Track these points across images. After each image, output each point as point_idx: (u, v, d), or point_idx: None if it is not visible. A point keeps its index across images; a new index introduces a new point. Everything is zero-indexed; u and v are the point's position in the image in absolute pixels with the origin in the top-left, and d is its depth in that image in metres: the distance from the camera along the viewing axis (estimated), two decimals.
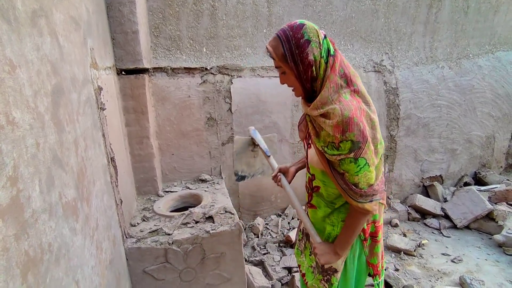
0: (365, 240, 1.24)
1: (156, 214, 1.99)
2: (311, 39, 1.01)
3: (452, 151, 3.36)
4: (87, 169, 1.14)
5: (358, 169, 1.02)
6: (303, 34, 1.01)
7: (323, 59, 1.03)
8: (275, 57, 1.07)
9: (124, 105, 2.11)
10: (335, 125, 0.99)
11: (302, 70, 1.04)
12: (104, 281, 1.21)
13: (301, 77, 1.06)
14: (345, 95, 1.03)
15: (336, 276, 1.25)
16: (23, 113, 0.71)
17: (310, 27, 1.03)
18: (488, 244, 2.61)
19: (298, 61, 1.03)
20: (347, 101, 1.01)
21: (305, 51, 1.01)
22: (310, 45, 1.01)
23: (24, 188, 0.68)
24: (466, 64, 3.25)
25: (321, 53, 1.02)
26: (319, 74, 1.05)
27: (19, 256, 0.63)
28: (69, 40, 1.10)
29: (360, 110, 1.01)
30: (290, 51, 1.03)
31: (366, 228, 1.22)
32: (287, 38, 1.03)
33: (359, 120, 0.98)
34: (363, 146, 0.99)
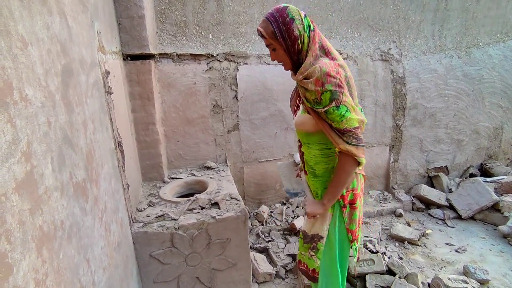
0: (344, 207, 1.37)
1: (162, 199, 2.01)
2: (294, 17, 1.21)
3: (459, 142, 3.33)
4: (95, 151, 1.15)
5: (341, 115, 1.18)
6: (288, 14, 1.21)
7: (306, 33, 1.22)
8: (266, 36, 1.24)
9: (130, 90, 2.11)
10: (315, 80, 1.17)
11: (290, 43, 1.22)
12: (112, 262, 1.23)
13: (289, 50, 1.24)
14: (324, 59, 1.22)
15: (322, 242, 1.41)
16: (35, 91, 0.71)
17: (292, 8, 1.23)
18: (493, 235, 2.61)
19: (286, 36, 1.21)
20: (324, 61, 1.20)
21: (290, 27, 1.20)
22: (294, 22, 1.20)
23: (37, 164, 0.68)
24: (475, 53, 3.19)
25: (304, 28, 1.22)
26: (303, 47, 1.23)
27: (34, 230, 0.64)
28: (77, 22, 1.09)
29: (337, 69, 1.19)
30: (278, 28, 1.21)
31: (345, 195, 1.35)
32: (275, 18, 1.22)
33: (336, 74, 1.17)
34: (341, 95, 1.17)
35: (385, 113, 3.05)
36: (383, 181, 3.28)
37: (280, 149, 2.82)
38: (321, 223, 1.40)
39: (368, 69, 2.91)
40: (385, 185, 3.29)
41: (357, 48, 2.86)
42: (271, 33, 1.23)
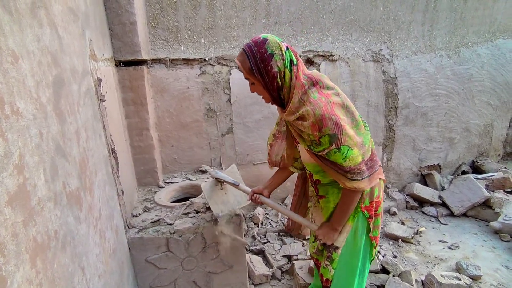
0: (370, 218, 1.34)
1: (158, 204, 2.02)
2: (274, 53, 1.12)
3: (450, 140, 3.38)
4: (88, 159, 1.16)
5: (344, 155, 1.14)
6: (266, 49, 1.12)
7: (287, 69, 1.14)
8: (243, 71, 1.19)
9: (123, 96, 2.11)
10: (311, 125, 1.11)
11: (268, 81, 1.15)
12: (108, 269, 1.24)
13: (268, 87, 1.17)
14: (313, 95, 1.15)
15: (337, 252, 1.40)
16: (27, 104, 0.72)
17: (272, 41, 1.14)
18: (485, 231, 2.65)
19: (264, 73, 1.14)
20: (316, 100, 1.13)
21: (269, 64, 1.12)
22: (274, 58, 1.12)
23: (30, 176, 0.69)
24: (465, 53, 3.24)
25: (284, 64, 1.14)
26: (285, 83, 1.16)
27: (27, 241, 0.65)
28: (68, 32, 1.10)
29: (330, 104, 1.13)
30: (256, 65, 1.13)
31: (370, 206, 1.33)
32: (252, 53, 1.14)
33: (331, 113, 1.10)
34: (340, 136, 1.11)
35: (377, 113, 3.09)
36: None
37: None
38: (342, 234, 1.37)
39: (360, 70, 2.95)
40: None
41: (348, 50, 2.89)
42: (248, 69, 1.16)
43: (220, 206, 1.77)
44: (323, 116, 1.09)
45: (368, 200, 1.34)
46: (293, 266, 2.12)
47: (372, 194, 1.35)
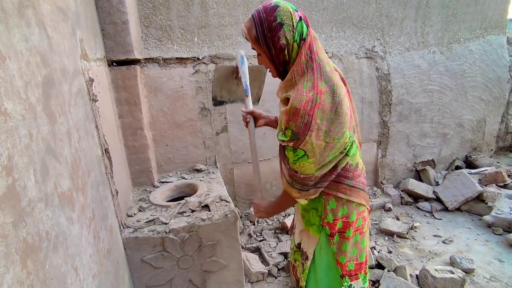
0: (330, 236, 1.19)
1: (153, 204, 2.01)
2: (283, 22, 1.00)
3: (444, 136, 3.41)
4: (81, 160, 1.16)
5: (296, 158, 1.07)
6: (276, 17, 1.00)
7: (296, 43, 1.02)
8: (249, 39, 1.08)
9: (117, 96, 2.10)
10: (285, 112, 1.04)
11: (274, 53, 1.05)
12: (102, 269, 1.24)
13: (274, 60, 1.07)
14: (306, 83, 1.03)
15: (307, 263, 1.28)
16: (15, 104, 0.72)
17: (284, 9, 1.01)
18: (478, 225, 2.68)
19: (270, 44, 1.03)
20: (302, 91, 1.02)
21: (277, 35, 1.01)
22: (283, 29, 1.00)
23: (19, 177, 0.69)
24: (457, 49, 3.27)
25: (294, 36, 1.01)
26: (292, 58, 1.05)
27: (17, 243, 0.64)
28: (58, 31, 1.09)
29: (313, 102, 0.99)
30: (262, 34, 1.03)
31: (333, 223, 1.18)
32: (260, 20, 1.02)
33: (307, 113, 0.99)
34: (302, 139, 1.01)
35: (371, 110, 3.11)
36: (372, 176, 3.33)
37: (269, 149, 2.84)
38: (308, 243, 1.28)
39: (353, 67, 2.96)
40: (374, 181, 3.35)
41: (342, 47, 2.90)
42: (254, 38, 1.05)
43: (223, 92, 1.64)
44: (297, 110, 1.00)
45: (332, 217, 1.18)
46: (289, 263, 2.13)
47: (336, 211, 1.18)
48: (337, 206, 1.18)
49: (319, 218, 1.21)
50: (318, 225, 1.22)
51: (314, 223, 1.24)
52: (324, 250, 1.23)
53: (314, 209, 1.23)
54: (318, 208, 1.22)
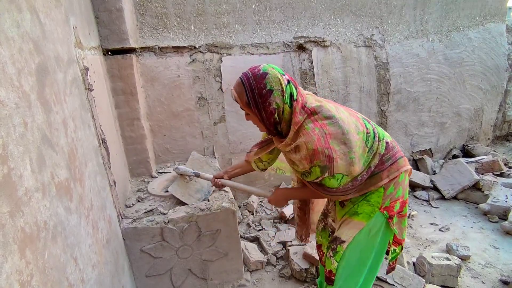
0: (390, 218, 1.26)
1: (151, 194, 2.01)
2: (273, 89, 1.09)
3: (441, 125, 3.42)
4: (77, 150, 1.14)
5: (339, 181, 1.16)
6: (266, 84, 1.09)
7: (287, 105, 1.13)
8: (239, 103, 1.16)
9: (113, 86, 2.07)
10: (303, 158, 1.11)
11: (265, 116, 1.14)
12: (102, 259, 1.24)
13: (265, 122, 1.16)
14: (307, 126, 1.12)
15: (343, 246, 1.33)
16: (8, 92, 0.70)
17: (272, 76, 1.10)
18: (474, 213, 2.71)
19: (261, 108, 1.12)
20: (309, 133, 1.10)
21: (267, 101, 1.10)
22: (272, 95, 1.09)
23: (15, 166, 0.68)
24: (456, 37, 3.24)
25: (284, 100, 1.11)
26: (283, 118, 1.15)
27: (15, 232, 0.64)
28: (50, 18, 1.06)
29: (324, 137, 1.09)
30: (253, 99, 1.11)
31: (390, 206, 1.25)
32: (251, 87, 1.11)
33: (324, 147, 1.08)
34: (332, 167, 1.10)
35: (369, 99, 3.10)
36: None
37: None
38: (349, 229, 1.32)
39: (351, 55, 2.93)
40: None
41: (340, 35, 2.86)
42: (245, 102, 1.14)
43: (195, 196, 1.91)
44: (315, 150, 1.08)
45: (390, 201, 1.26)
46: (287, 252, 2.14)
47: (394, 194, 1.26)
48: (394, 190, 1.26)
49: (370, 207, 1.27)
50: (369, 212, 1.27)
51: (363, 211, 1.28)
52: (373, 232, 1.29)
53: (366, 201, 1.28)
54: (372, 200, 1.27)
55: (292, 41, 2.72)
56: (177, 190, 1.88)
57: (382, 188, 1.25)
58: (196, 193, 1.93)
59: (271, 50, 2.68)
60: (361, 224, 1.29)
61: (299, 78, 2.82)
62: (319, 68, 2.84)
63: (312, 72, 2.83)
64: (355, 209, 1.30)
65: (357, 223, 1.30)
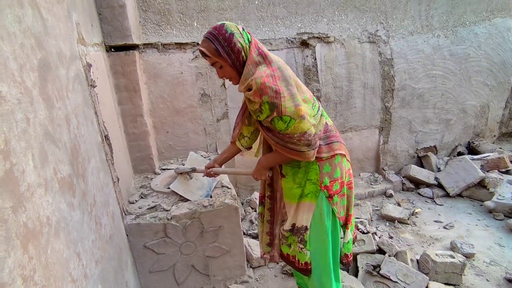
0: (330, 197, 1.36)
1: (154, 191, 2.01)
2: (233, 32, 1.22)
3: (447, 122, 3.38)
4: (80, 146, 1.14)
5: (286, 124, 1.20)
6: (226, 30, 1.22)
7: (247, 45, 1.25)
8: (209, 54, 1.24)
9: (116, 83, 2.07)
10: (253, 92, 1.20)
11: (234, 57, 1.24)
12: (105, 255, 1.24)
13: (235, 64, 1.25)
14: (261, 68, 1.24)
15: (307, 233, 1.40)
16: (10, 87, 0.70)
17: (229, 23, 1.25)
18: (479, 211, 2.69)
19: (229, 51, 1.23)
20: (260, 72, 1.22)
21: (232, 41, 1.22)
22: (235, 36, 1.22)
23: (17, 162, 0.68)
24: (462, 32, 3.19)
25: (244, 40, 1.24)
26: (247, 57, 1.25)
27: (17, 227, 0.64)
28: (52, 13, 1.06)
29: (273, 76, 1.21)
30: (220, 45, 1.22)
31: (329, 186, 1.35)
32: (215, 36, 1.23)
33: (272, 83, 1.18)
34: (280, 105, 1.17)
35: (373, 95, 3.07)
36: (373, 163, 3.33)
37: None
38: (307, 213, 1.39)
39: (355, 51, 2.90)
40: (375, 167, 3.34)
41: (344, 31, 2.84)
42: (214, 50, 1.23)
43: (197, 193, 1.92)
44: (263, 84, 1.17)
45: (328, 179, 1.35)
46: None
47: (331, 173, 1.36)
48: (331, 170, 1.36)
49: (314, 186, 1.36)
50: (314, 191, 1.36)
51: (309, 192, 1.37)
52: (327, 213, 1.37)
53: (309, 180, 1.36)
54: (312, 177, 1.35)
55: (296, 37, 2.70)
56: (179, 187, 1.90)
57: (316, 166, 1.34)
58: (198, 190, 1.94)
59: (274, 46, 2.66)
60: (312, 205, 1.37)
61: (303, 75, 2.81)
62: (322, 64, 2.82)
63: (316, 69, 2.81)
64: (302, 191, 1.38)
65: (308, 205, 1.38)
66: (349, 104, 3.02)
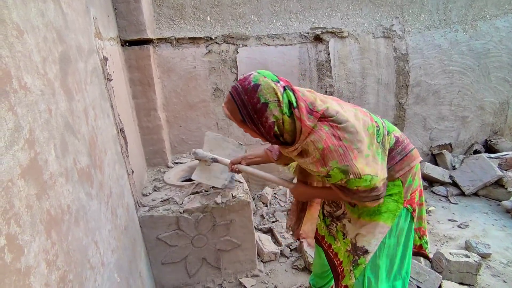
0: (414, 211, 1.18)
1: (167, 184, 2.04)
2: (268, 101, 0.97)
3: (463, 119, 3.30)
4: (97, 138, 1.17)
5: (369, 183, 1.01)
6: (259, 98, 0.97)
7: (286, 115, 1.00)
8: (234, 121, 1.06)
9: (130, 77, 2.11)
10: (315, 162, 0.99)
11: (264, 131, 1.02)
12: (120, 245, 1.27)
13: (265, 136, 1.04)
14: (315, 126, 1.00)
15: (366, 258, 1.15)
16: (34, 79, 0.72)
17: (265, 87, 0.97)
18: (496, 210, 2.62)
19: (258, 124, 1.00)
20: (317, 132, 0.99)
21: (264, 116, 0.98)
22: (269, 108, 0.97)
23: (41, 151, 0.70)
24: (482, 26, 3.09)
25: (282, 111, 0.99)
26: (285, 129, 1.02)
27: (41, 214, 0.66)
28: (72, 8, 1.08)
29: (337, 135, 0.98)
30: (248, 116, 1.00)
31: (411, 198, 1.17)
32: (243, 103, 0.99)
33: (337, 145, 0.97)
34: (353, 165, 0.97)
35: (387, 91, 3.02)
36: None
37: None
38: (373, 235, 1.15)
39: (370, 47, 2.86)
40: None
41: (358, 26, 2.79)
42: (240, 120, 1.03)
43: (221, 178, 1.82)
44: (326, 149, 0.96)
45: (410, 192, 1.17)
46: (301, 244, 2.14)
47: (412, 185, 1.18)
48: (413, 181, 1.17)
49: (394, 204, 1.14)
50: (394, 210, 1.14)
51: (387, 209, 1.14)
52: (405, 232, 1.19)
53: (388, 196, 1.14)
54: (393, 193, 1.15)
55: (309, 32, 2.68)
56: (201, 175, 1.81)
57: (399, 181, 1.14)
58: (221, 173, 1.83)
59: (287, 41, 2.64)
60: (386, 227, 1.13)
61: (315, 70, 2.78)
62: (336, 60, 2.79)
63: (329, 64, 2.78)
64: (377, 207, 1.14)
65: (381, 226, 1.13)
66: (362, 100, 2.98)
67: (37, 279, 0.61)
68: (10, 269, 0.53)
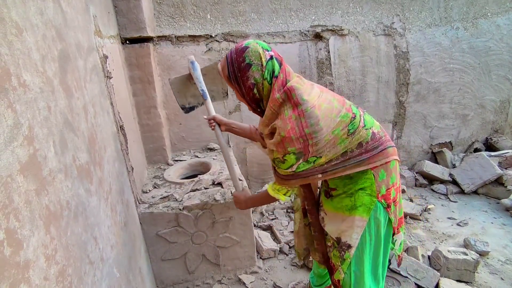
0: (388, 207, 1.18)
1: (167, 181, 2.06)
2: (252, 63, 1.07)
3: (463, 117, 3.30)
4: (97, 135, 1.18)
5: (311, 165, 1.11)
6: (244, 58, 1.07)
7: (267, 81, 1.09)
8: (223, 77, 1.16)
9: (130, 74, 2.12)
10: (275, 144, 1.10)
11: (245, 91, 1.12)
12: (120, 241, 1.29)
13: (245, 97, 1.14)
14: (286, 111, 1.08)
15: (350, 252, 1.20)
16: (33, 76, 0.73)
17: (253, 49, 1.07)
18: (495, 208, 2.63)
19: (240, 83, 1.10)
20: (285, 120, 1.07)
21: (245, 75, 1.08)
22: (251, 69, 1.07)
23: (40, 148, 0.71)
24: (483, 24, 3.08)
25: (263, 75, 1.08)
26: (264, 95, 1.11)
27: (40, 209, 0.67)
28: (72, 6, 1.09)
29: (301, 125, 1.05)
30: (233, 73, 1.10)
31: (386, 194, 1.17)
32: (232, 61, 1.10)
33: (299, 136, 1.05)
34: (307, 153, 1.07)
35: (388, 89, 3.02)
36: None
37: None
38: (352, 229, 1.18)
39: (370, 44, 2.86)
40: None
41: (359, 24, 2.79)
42: (227, 76, 1.13)
43: (189, 99, 1.74)
44: (287, 138, 1.06)
45: (385, 188, 1.17)
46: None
47: (387, 181, 1.18)
48: (387, 176, 1.18)
49: (369, 197, 1.16)
50: (368, 204, 1.16)
51: (362, 204, 1.17)
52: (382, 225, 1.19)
53: (361, 189, 1.17)
54: (366, 187, 1.17)
55: (309, 29, 2.68)
56: (177, 84, 1.70)
57: (371, 174, 1.16)
58: (190, 97, 1.75)
59: (287, 39, 2.64)
60: (363, 220, 1.17)
61: (315, 68, 2.78)
62: (336, 57, 2.79)
63: (329, 62, 2.78)
64: (353, 202, 1.17)
65: (358, 220, 1.17)
66: (362, 98, 2.98)
67: (36, 273, 0.62)
68: (10, 263, 0.55)
